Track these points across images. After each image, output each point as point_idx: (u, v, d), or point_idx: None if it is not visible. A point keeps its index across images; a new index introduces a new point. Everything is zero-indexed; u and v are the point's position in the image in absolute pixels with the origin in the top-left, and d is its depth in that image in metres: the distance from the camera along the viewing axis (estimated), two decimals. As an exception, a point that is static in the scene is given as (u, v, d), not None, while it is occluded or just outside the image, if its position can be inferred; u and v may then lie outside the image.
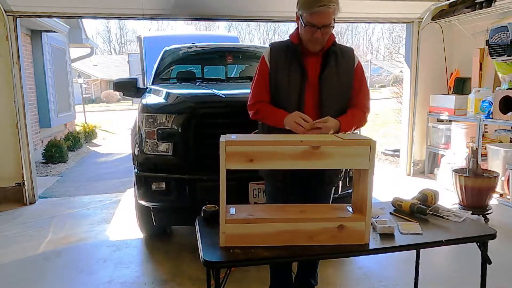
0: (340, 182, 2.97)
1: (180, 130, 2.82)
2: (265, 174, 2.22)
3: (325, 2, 1.86)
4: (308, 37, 1.95)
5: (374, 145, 1.53)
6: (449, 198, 4.08)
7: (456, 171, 3.85)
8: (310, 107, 2.00)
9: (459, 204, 3.79)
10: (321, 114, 1.98)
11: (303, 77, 2.00)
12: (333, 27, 1.96)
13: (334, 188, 2.30)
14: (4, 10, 4.21)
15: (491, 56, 4.35)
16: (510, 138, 4.51)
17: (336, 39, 2.06)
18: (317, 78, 2.01)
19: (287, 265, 2.29)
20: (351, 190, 1.82)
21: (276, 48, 2.09)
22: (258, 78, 2.10)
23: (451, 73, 5.35)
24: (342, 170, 2.25)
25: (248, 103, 2.12)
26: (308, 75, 2.00)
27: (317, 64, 2.02)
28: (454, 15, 4.86)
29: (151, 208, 2.99)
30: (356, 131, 2.23)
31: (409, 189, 4.60)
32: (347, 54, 2.09)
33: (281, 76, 2.02)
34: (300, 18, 1.97)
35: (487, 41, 4.35)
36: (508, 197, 4.15)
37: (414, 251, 2.19)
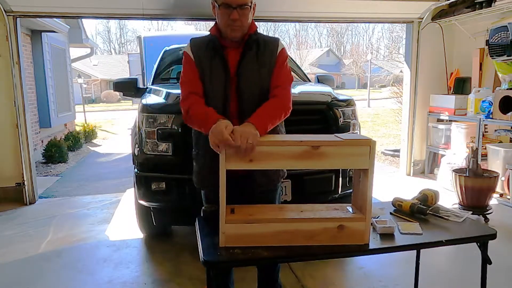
0: (340, 182, 2.98)
1: (180, 130, 2.82)
2: (202, 182, 2.03)
3: None
4: (225, 21, 1.81)
5: (374, 145, 1.53)
6: (449, 198, 4.08)
7: (456, 171, 3.85)
8: (234, 101, 1.86)
9: (459, 204, 3.79)
10: (242, 107, 1.84)
11: (226, 71, 1.85)
12: (251, 8, 1.84)
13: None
14: (4, 10, 4.22)
15: (491, 56, 4.35)
16: (510, 138, 4.51)
17: (257, 29, 1.93)
18: (236, 68, 1.86)
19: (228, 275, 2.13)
20: (351, 190, 1.82)
21: (197, 43, 1.94)
22: (186, 70, 1.92)
23: (451, 73, 5.35)
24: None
25: (180, 100, 1.92)
26: (230, 67, 1.86)
27: (237, 55, 1.87)
28: (454, 15, 4.85)
29: (151, 208, 2.99)
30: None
31: (409, 189, 4.60)
32: (271, 43, 1.93)
33: (204, 72, 1.88)
34: (215, 3, 1.84)
35: (487, 41, 4.35)
36: (508, 197, 4.15)
37: (414, 251, 2.19)
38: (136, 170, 2.99)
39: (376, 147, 1.58)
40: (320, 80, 4.31)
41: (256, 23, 1.97)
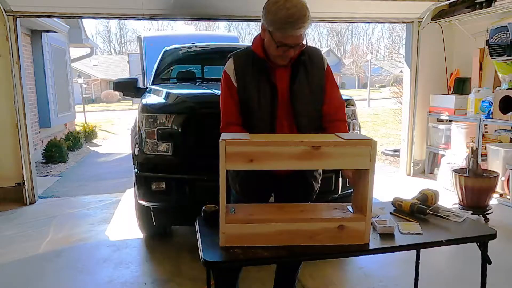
0: (340, 182, 2.98)
1: (180, 130, 2.82)
2: (244, 180, 2.01)
3: (299, 24, 1.68)
4: (279, 54, 1.79)
5: (374, 145, 1.53)
6: (449, 198, 4.08)
7: (456, 171, 3.85)
8: (284, 120, 1.88)
9: (459, 204, 3.79)
10: (296, 126, 1.89)
11: (273, 92, 1.85)
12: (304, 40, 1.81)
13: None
14: (4, 10, 4.22)
15: (491, 56, 4.35)
16: (510, 138, 4.51)
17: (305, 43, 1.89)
18: (287, 91, 1.87)
19: (237, 274, 2.18)
20: (351, 190, 1.82)
21: (241, 62, 1.89)
22: (225, 97, 1.92)
23: (451, 73, 5.35)
24: (319, 176, 2.11)
25: (220, 126, 1.94)
26: (278, 89, 1.86)
27: (286, 76, 1.88)
28: (454, 15, 4.86)
29: (151, 208, 2.99)
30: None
31: (409, 189, 4.59)
32: (316, 58, 1.95)
33: (250, 93, 1.86)
34: (269, 33, 1.76)
35: (487, 41, 4.35)
36: (508, 197, 4.15)
37: (414, 251, 2.19)
38: (136, 170, 2.99)
39: (377, 147, 1.58)
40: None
41: (255, 23, 1.94)
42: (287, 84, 1.88)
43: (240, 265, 1.97)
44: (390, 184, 5.27)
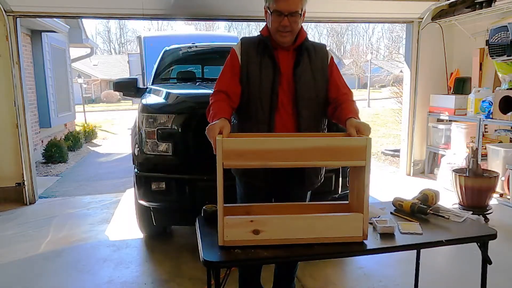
0: (340, 182, 2.97)
1: (180, 130, 2.82)
2: (241, 173, 2.07)
3: None
4: (276, 26, 1.89)
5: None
6: (449, 198, 4.08)
7: (456, 171, 3.85)
8: (285, 101, 1.95)
9: (459, 204, 3.79)
10: (296, 109, 1.94)
11: (275, 70, 1.94)
12: (301, 15, 1.90)
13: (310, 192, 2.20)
14: (4, 10, 4.22)
15: (491, 56, 4.35)
16: (510, 138, 4.51)
17: (307, 36, 2.01)
18: (291, 73, 1.95)
19: (257, 272, 2.26)
20: (351, 190, 1.82)
21: (247, 42, 2.03)
22: (225, 69, 2.02)
23: (451, 73, 5.35)
24: (322, 171, 2.15)
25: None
26: (281, 69, 1.95)
27: (289, 59, 1.97)
28: (454, 15, 4.86)
29: (151, 208, 2.99)
30: None
31: (409, 189, 4.60)
32: (320, 50, 2.04)
33: (252, 69, 1.96)
34: (267, 9, 1.93)
35: (487, 41, 4.35)
36: (508, 197, 4.15)
37: (414, 251, 2.19)
38: (136, 170, 2.99)
39: (375, 146, 1.58)
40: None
41: (256, 23, 1.99)
42: (290, 66, 1.96)
43: (240, 265, 1.98)
44: (390, 184, 5.27)
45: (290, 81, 1.94)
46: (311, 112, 1.97)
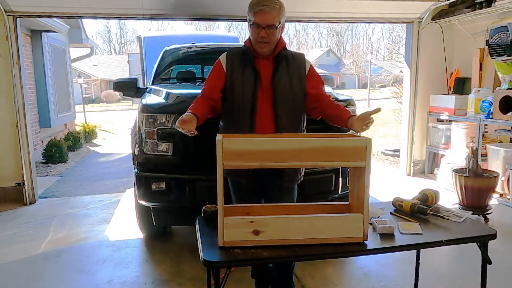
0: (340, 182, 2.98)
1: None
2: (227, 172, 2.15)
3: (267, 2, 2.02)
4: (255, 37, 2.08)
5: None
6: (449, 198, 4.08)
7: (456, 171, 3.85)
8: (264, 104, 2.10)
9: (459, 204, 3.79)
10: (275, 111, 2.09)
11: (256, 77, 2.11)
12: (278, 28, 2.06)
13: (296, 185, 2.30)
14: (4, 10, 4.21)
15: (491, 56, 4.35)
16: (510, 138, 4.51)
17: (286, 46, 2.18)
18: (270, 80, 2.11)
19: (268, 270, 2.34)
20: (351, 190, 1.82)
21: (233, 52, 2.21)
22: (212, 76, 2.22)
23: (451, 73, 5.35)
24: (302, 169, 2.28)
25: None
26: (261, 77, 2.11)
27: (269, 67, 2.14)
28: (454, 15, 4.85)
29: (151, 208, 2.99)
30: None
31: (409, 189, 4.60)
32: (298, 59, 2.20)
33: (235, 77, 2.13)
34: (249, 21, 2.11)
35: (487, 41, 4.35)
36: (508, 197, 4.15)
37: (414, 251, 2.19)
38: (136, 170, 2.99)
39: (375, 146, 1.58)
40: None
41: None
42: (270, 74, 2.13)
43: (240, 265, 1.98)
44: (390, 184, 5.27)
45: (269, 87, 2.11)
46: (289, 114, 2.13)
